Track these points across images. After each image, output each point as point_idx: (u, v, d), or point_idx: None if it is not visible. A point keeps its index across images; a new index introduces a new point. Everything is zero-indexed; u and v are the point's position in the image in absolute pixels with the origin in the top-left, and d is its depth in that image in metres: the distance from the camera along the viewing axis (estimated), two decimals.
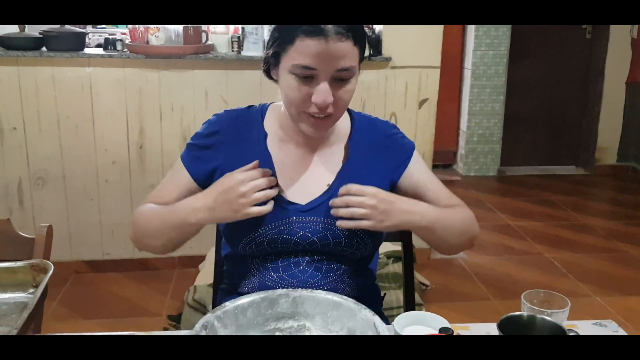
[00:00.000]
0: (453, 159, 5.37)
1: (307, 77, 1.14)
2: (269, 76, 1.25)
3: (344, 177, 1.28)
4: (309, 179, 1.28)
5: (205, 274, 2.72)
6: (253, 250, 1.25)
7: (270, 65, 1.22)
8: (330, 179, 1.28)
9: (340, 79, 1.15)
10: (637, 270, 3.41)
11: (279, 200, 1.23)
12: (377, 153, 1.32)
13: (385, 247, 2.78)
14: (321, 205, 1.25)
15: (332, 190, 1.26)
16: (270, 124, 1.32)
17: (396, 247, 2.68)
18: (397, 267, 2.76)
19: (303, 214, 1.25)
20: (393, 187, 1.32)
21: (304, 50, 1.11)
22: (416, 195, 1.31)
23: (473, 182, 5.02)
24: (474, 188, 4.85)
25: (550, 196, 4.65)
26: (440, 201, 1.31)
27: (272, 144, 1.30)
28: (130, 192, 3.12)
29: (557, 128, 5.31)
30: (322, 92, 1.13)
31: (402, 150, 1.33)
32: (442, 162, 5.26)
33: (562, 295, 1.06)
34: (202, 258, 2.98)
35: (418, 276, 3.01)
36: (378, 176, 1.30)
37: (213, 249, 1.75)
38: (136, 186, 3.11)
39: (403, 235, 1.57)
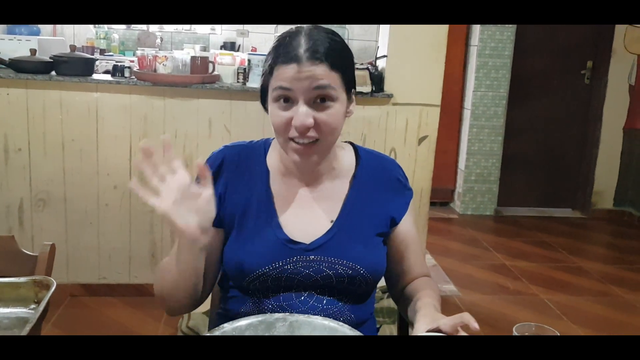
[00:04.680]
0: (450, 197, 5.41)
1: (287, 100, 1.16)
2: (265, 109, 1.26)
3: (346, 214, 1.29)
4: (312, 217, 1.28)
5: None
6: (256, 286, 1.26)
7: (263, 98, 1.25)
8: (333, 216, 1.29)
9: (321, 100, 1.16)
10: (631, 314, 3.41)
11: (283, 239, 1.25)
12: (380, 192, 1.32)
13: (381, 281, 2.80)
14: (325, 244, 1.26)
15: (336, 229, 1.27)
16: (273, 159, 1.32)
17: None
18: (392, 302, 2.77)
19: (307, 253, 1.25)
20: (393, 225, 1.32)
21: (280, 75, 1.15)
22: (399, 247, 1.33)
23: (470, 221, 5.05)
24: (471, 227, 4.88)
25: (546, 238, 4.68)
26: (417, 264, 1.32)
27: (274, 180, 1.30)
28: (130, 217, 3.14)
29: (555, 171, 5.36)
30: (301, 114, 1.14)
31: (407, 194, 1.36)
32: (440, 199, 5.30)
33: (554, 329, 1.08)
34: None
35: None
36: (380, 213, 1.31)
37: None
38: (136, 211, 3.14)
39: None
